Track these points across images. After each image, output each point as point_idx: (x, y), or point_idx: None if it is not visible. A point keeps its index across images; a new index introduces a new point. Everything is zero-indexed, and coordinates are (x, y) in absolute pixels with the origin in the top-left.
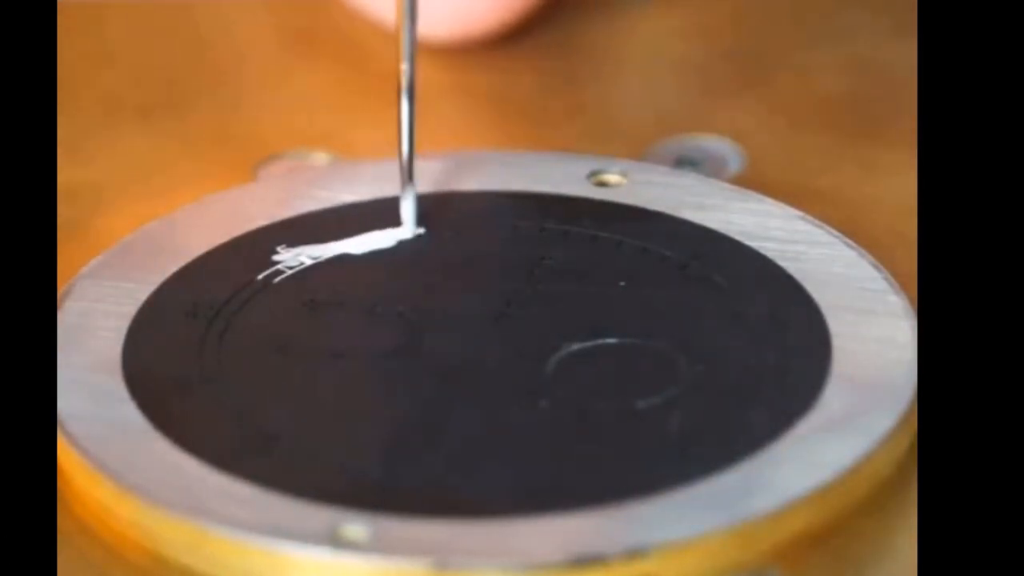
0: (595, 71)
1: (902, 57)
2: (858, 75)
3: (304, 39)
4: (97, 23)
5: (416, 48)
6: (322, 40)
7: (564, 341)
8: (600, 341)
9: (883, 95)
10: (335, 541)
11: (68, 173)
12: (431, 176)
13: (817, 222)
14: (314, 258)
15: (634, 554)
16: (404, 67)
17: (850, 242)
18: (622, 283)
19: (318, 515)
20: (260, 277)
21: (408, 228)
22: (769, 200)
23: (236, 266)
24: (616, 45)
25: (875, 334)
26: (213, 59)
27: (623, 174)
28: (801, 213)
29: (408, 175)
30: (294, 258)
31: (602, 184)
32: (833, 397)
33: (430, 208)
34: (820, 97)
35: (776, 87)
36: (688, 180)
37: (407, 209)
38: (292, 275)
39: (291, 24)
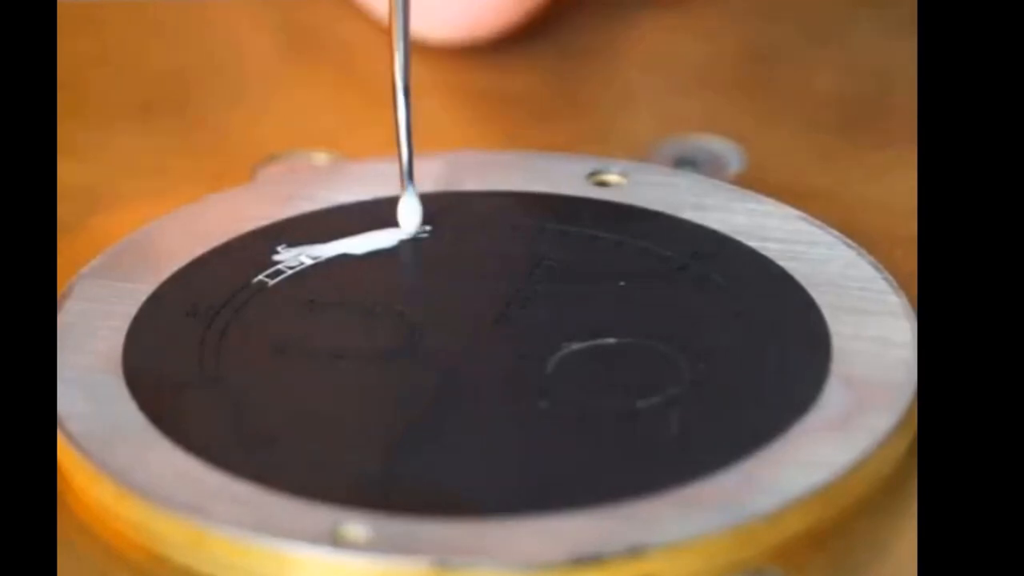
0: (595, 71)
1: (902, 57)
2: (858, 75)
3: (304, 40)
4: (97, 23)
5: (410, 47)
6: (321, 41)
7: (564, 341)
8: (600, 341)
9: (883, 95)
10: (335, 541)
11: (68, 173)
12: (431, 176)
13: (817, 222)
14: (314, 258)
15: (634, 554)
16: (398, 65)
17: (850, 242)
18: (622, 283)
19: (318, 515)
20: (260, 277)
21: (409, 229)
22: (769, 200)
23: (236, 266)
24: (616, 45)
25: (875, 334)
26: (213, 59)
27: (623, 174)
28: (801, 213)
29: (408, 175)
30: (294, 258)
31: (602, 184)
32: (833, 397)
33: (430, 208)
34: (820, 97)
35: (776, 87)
36: (688, 180)
37: (408, 210)
38: (292, 275)
39: (291, 25)
